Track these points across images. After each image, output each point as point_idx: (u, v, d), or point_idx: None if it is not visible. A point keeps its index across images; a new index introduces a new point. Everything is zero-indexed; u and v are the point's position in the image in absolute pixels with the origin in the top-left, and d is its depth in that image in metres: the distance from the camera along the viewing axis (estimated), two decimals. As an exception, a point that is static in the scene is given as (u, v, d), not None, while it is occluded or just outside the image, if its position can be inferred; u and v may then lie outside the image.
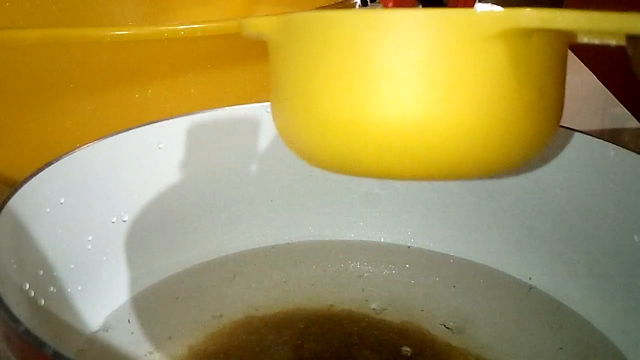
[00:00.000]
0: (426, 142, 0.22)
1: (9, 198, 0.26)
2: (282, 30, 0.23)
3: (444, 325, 0.31)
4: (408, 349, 0.30)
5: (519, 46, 0.21)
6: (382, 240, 0.38)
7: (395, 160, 0.23)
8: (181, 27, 0.37)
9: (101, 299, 0.31)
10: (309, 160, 0.25)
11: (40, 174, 0.28)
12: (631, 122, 0.54)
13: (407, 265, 0.36)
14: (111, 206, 0.32)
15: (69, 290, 0.30)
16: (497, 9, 0.21)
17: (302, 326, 0.31)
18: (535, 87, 0.22)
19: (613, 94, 0.58)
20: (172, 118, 0.34)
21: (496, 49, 0.21)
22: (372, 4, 0.80)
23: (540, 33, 0.22)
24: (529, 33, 0.21)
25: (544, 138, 0.24)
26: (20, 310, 0.24)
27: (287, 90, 0.24)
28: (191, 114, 0.34)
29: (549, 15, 0.20)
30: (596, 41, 0.21)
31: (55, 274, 0.29)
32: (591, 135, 0.32)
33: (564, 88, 0.24)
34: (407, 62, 0.21)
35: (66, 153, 0.30)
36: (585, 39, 0.21)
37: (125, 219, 0.33)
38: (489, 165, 0.23)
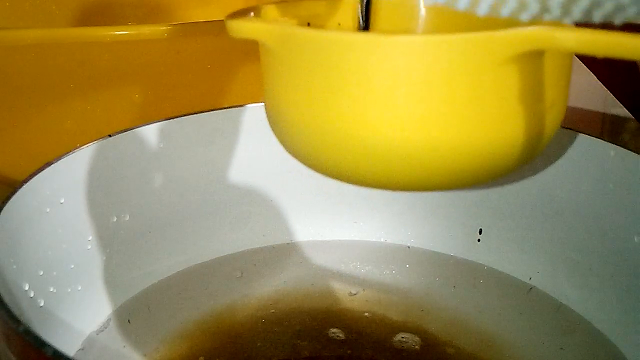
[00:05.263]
0: (433, 162, 0.21)
1: (9, 198, 0.26)
2: (280, 42, 0.22)
3: (444, 325, 0.31)
4: (408, 349, 0.30)
5: (533, 65, 0.21)
6: (382, 240, 0.38)
7: (402, 176, 0.22)
8: (181, 27, 0.37)
9: (101, 299, 0.31)
10: (307, 164, 0.25)
11: (40, 174, 0.28)
12: (631, 122, 0.54)
13: (407, 265, 0.36)
14: (111, 206, 0.32)
15: (69, 290, 0.30)
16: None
17: (301, 326, 0.31)
18: (546, 101, 0.22)
19: (613, 94, 0.58)
20: (172, 118, 0.34)
21: (511, 70, 0.20)
22: None
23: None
24: (542, 52, 0.21)
25: (549, 139, 0.23)
26: (20, 310, 0.24)
27: (286, 100, 0.23)
28: (191, 114, 0.34)
29: (588, 38, 0.19)
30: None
31: (55, 274, 0.29)
32: (591, 135, 0.32)
33: (568, 89, 0.24)
34: (417, 86, 0.20)
35: (66, 153, 0.30)
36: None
37: (126, 218, 0.33)
38: (495, 174, 0.23)
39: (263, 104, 0.26)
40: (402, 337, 0.31)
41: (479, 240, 0.36)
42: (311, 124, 0.22)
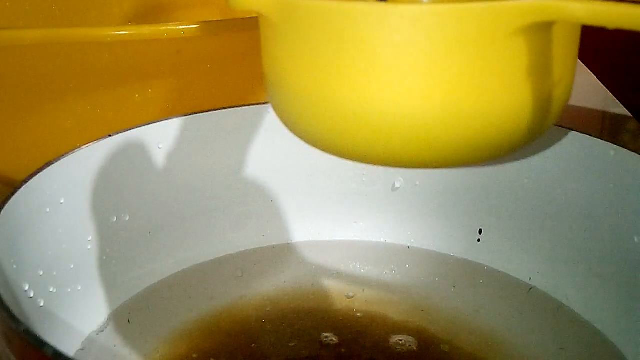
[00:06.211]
0: (438, 135, 0.21)
1: (9, 198, 0.26)
2: (281, 13, 0.22)
3: (444, 325, 0.31)
4: (408, 349, 0.30)
5: (541, 38, 0.20)
6: (382, 240, 0.38)
7: (407, 150, 0.22)
8: (181, 27, 0.37)
9: (101, 299, 0.31)
10: (308, 141, 0.24)
11: (40, 174, 0.28)
12: (631, 122, 0.54)
13: (407, 265, 0.36)
14: (111, 206, 0.32)
15: (69, 290, 0.30)
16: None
17: (301, 326, 0.31)
18: (555, 76, 0.21)
19: (613, 94, 0.58)
20: (172, 118, 0.34)
21: (519, 42, 0.20)
22: None
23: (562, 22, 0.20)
24: (551, 24, 0.20)
25: (557, 116, 0.23)
26: (20, 310, 0.24)
27: (287, 73, 0.22)
28: (191, 114, 0.34)
29: (599, 9, 0.18)
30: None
31: (55, 274, 0.29)
32: (591, 135, 0.32)
33: (575, 65, 0.23)
34: (423, 57, 0.20)
35: (66, 153, 0.30)
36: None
37: (126, 218, 0.33)
38: (502, 150, 0.22)
39: (267, 104, 0.25)
40: (402, 338, 0.31)
41: (479, 240, 0.36)
42: (314, 97, 0.22)
